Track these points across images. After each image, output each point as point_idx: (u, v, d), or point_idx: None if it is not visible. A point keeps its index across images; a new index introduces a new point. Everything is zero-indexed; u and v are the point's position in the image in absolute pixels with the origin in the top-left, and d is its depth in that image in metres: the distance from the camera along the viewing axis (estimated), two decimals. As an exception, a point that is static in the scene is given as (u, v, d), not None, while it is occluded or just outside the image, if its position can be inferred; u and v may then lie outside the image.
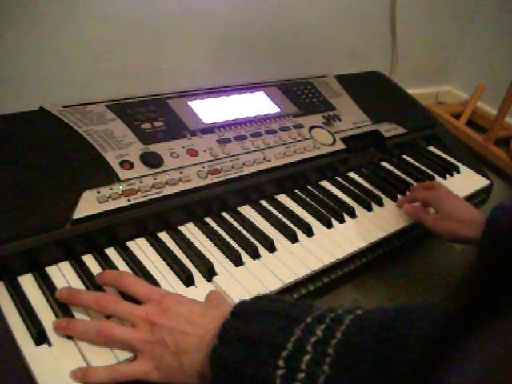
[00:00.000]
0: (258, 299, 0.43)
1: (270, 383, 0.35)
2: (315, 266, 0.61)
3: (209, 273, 0.56)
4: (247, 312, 0.41)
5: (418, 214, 0.71)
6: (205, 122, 0.73)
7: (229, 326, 0.39)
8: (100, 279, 0.50)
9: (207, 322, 0.42)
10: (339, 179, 0.81)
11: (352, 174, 0.83)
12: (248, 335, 0.38)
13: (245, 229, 0.65)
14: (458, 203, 0.70)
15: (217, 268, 0.57)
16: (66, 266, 0.53)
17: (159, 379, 0.42)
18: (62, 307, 0.48)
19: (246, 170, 0.69)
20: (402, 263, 0.75)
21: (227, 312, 0.41)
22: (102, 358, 0.44)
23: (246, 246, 0.61)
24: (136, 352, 0.44)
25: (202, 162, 0.67)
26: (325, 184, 0.79)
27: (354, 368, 0.34)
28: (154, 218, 0.60)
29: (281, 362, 0.36)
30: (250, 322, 0.39)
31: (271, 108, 0.82)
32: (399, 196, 0.79)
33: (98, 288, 0.51)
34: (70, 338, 0.46)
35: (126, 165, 0.61)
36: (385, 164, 0.89)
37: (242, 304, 0.42)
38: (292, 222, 0.68)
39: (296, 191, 0.75)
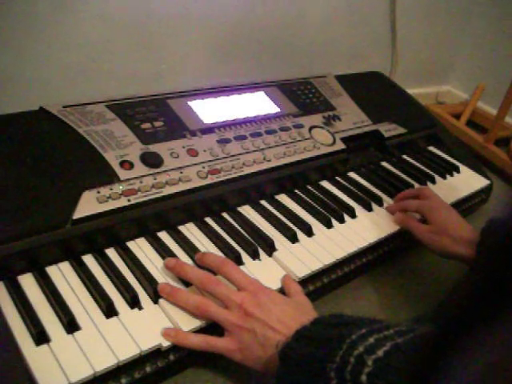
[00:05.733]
0: (335, 316, 0.46)
1: (324, 372, 0.40)
2: (315, 265, 0.61)
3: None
4: (323, 321, 0.45)
5: (409, 224, 0.70)
6: (205, 121, 0.73)
7: (305, 328, 0.44)
8: (201, 260, 0.55)
9: (295, 326, 0.45)
10: (339, 179, 0.81)
11: (352, 174, 0.83)
12: (317, 336, 0.43)
13: (245, 229, 0.65)
14: (452, 217, 0.68)
15: (217, 268, 0.57)
16: (65, 266, 0.53)
17: (239, 360, 0.48)
18: (62, 307, 0.48)
19: (246, 170, 0.69)
20: (403, 263, 0.75)
21: (311, 319, 0.46)
22: (102, 355, 0.44)
23: (245, 246, 0.61)
24: (225, 331, 0.49)
25: (202, 162, 0.67)
26: (325, 184, 0.79)
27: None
28: (154, 218, 0.60)
29: (337, 359, 0.40)
30: (325, 329, 0.44)
31: (271, 108, 0.82)
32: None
33: (100, 287, 0.51)
34: (69, 333, 0.46)
35: (126, 165, 0.61)
36: (385, 164, 0.89)
37: (323, 316, 0.46)
38: (292, 222, 0.68)
39: (296, 191, 0.75)
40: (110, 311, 0.49)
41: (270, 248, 0.62)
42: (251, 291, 0.50)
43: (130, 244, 0.58)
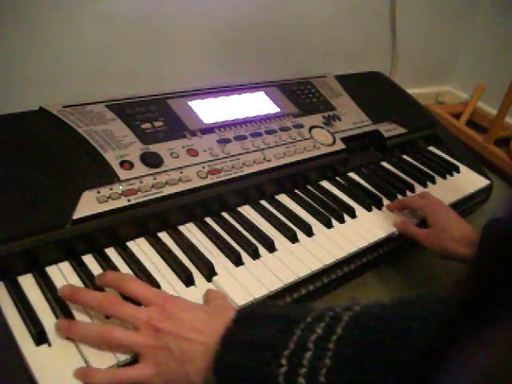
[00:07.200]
0: (258, 306, 0.44)
1: (272, 382, 0.36)
2: (315, 265, 0.61)
3: (209, 273, 0.56)
4: (248, 318, 0.41)
5: (408, 229, 0.70)
6: (205, 121, 0.73)
7: (231, 333, 0.40)
8: (101, 281, 0.49)
9: (213, 330, 0.42)
10: (339, 179, 0.81)
11: (352, 174, 0.83)
12: (250, 339, 0.39)
13: (245, 229, 0.65)
14: (452, 218, 0.69)
15: (217, 268, 0.57)
16: (65, 266, 0.53)
17: None
18: (62, 307, 0.48)
19: (246, 170, 0.69)
20: (402, 263, 0.75)
21: (230, 319, 0.42)
22: (103, 359, 0.44)
23: (246, 246, 0.61)
24: (138, 356, 0.43)
25: (202, 162, 0.67)
26: (325, 184, 0.79)
27: (355, 359, 0.35)
28: (154, 218, 0.60)
29: (283, 361, 0.36)
30: (252, 327, 0.40)
31: (271, 108, 0.82)
32: (399, 196, 0.79)
33: (99, 288, 0.51)
34: (69, 338, 0.45)
35: (126, 165, 0.61)
36: (385, 164, 0.89)
37: (243, 311, 0.43)
38: (292, 222, 0.68)
39: (296, 191, 0.75)
40: (110, 311, 0.49)
41: (270, 248, 0.62)
42: (158, 304, 0.45)
43: (130, 244, 0.58)
